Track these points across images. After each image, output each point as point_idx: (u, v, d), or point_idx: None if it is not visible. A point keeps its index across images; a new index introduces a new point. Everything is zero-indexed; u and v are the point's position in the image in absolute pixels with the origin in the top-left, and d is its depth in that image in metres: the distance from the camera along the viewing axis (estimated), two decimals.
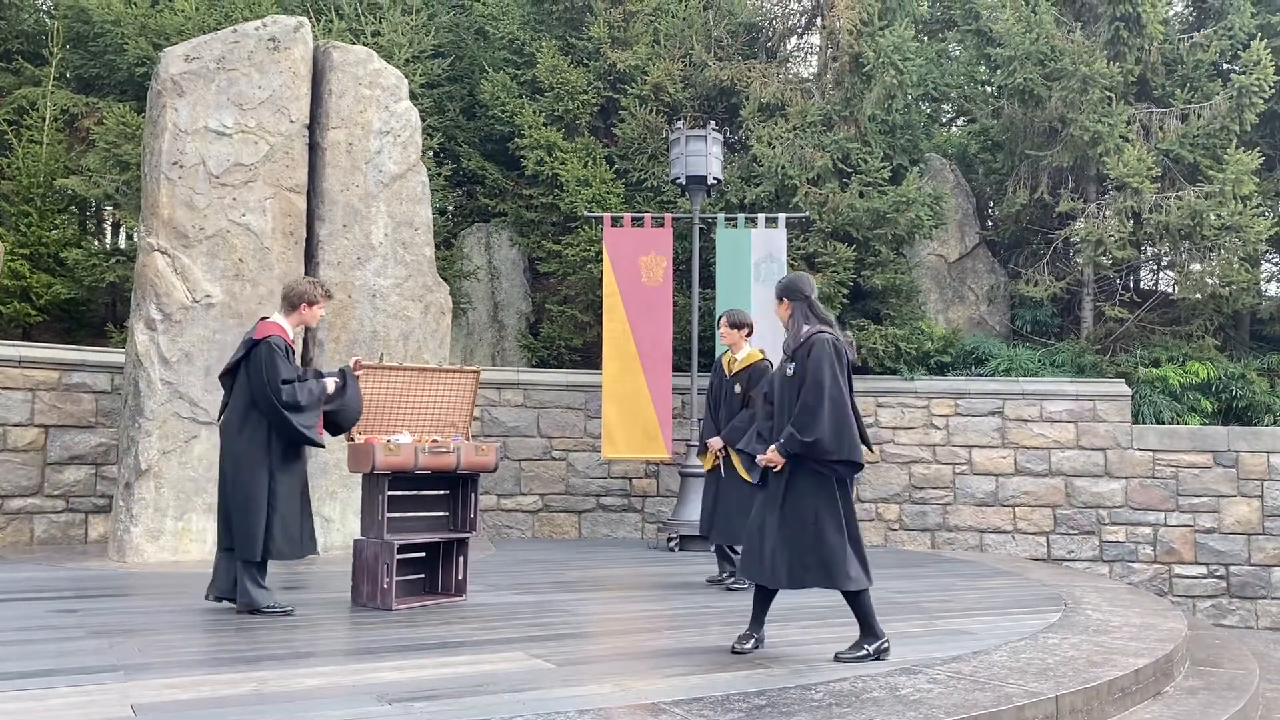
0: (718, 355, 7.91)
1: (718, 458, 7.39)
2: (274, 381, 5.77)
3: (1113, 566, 10.90)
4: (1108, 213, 12.12)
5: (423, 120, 10.42)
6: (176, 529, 8.20)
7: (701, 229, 10.93)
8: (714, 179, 10.57)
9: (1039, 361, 11.96)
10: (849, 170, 11.77)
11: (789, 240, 10.93)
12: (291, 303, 6.11)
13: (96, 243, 12.93)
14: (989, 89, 14.08)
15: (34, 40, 12.84)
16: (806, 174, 11.59)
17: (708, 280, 11.34)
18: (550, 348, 12.60)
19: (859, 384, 11.36)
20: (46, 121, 12.03)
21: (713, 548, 7.95)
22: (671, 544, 9.90)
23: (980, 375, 11.65)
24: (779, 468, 4.89)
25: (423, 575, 6.64)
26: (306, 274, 9.10)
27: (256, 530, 5.74)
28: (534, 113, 12.68)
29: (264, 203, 8.78)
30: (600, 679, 4.40)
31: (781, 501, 4.85)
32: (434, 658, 4.80)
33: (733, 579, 7.45)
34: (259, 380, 5.80)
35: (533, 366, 12.46)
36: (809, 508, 4.79)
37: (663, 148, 12.40)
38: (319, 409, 5.96)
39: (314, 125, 9.21)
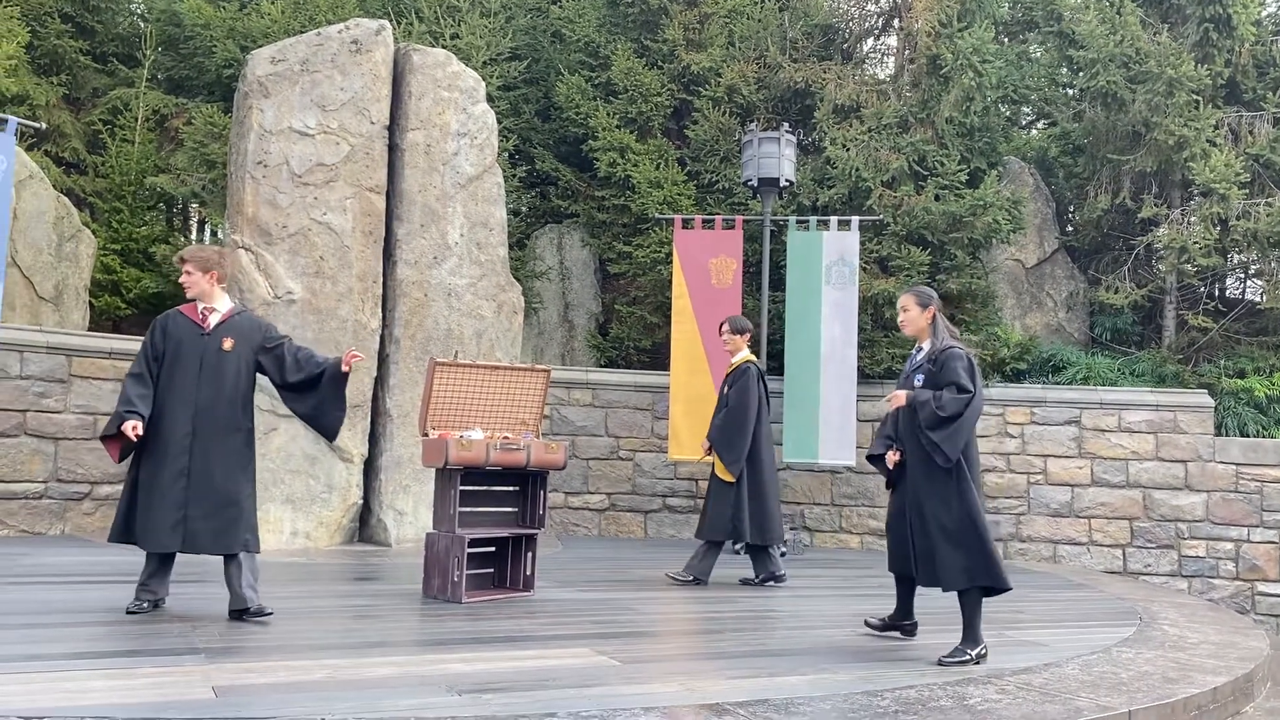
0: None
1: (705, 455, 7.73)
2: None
3: (1192, 582, 10.61)
4: (1193, 219, 11.80)
5: (499, 122, 10.56)
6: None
7: (772, 231, 10.90)
8: (786, 181, 10.54)
9: (1118, 370, 11.69)
10: (925, 173, 11.63)
11: (862, 243, 10.84)
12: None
13: (183, 239, 13.35)
14: (1070, 91, 13.80)
15: (129, 43, 13.30)
16: (881, 176, 11.48)
17: (778, 283, 11.30)
18: (619, 348, 12.67)
19: None
20: (138, 121, 12.46)
21: (739, 548, 8.00)
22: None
23: (1057, 384, 11.43)
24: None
25: (492, 570, 6.75)
26: (385, 273, 9.30)
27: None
28: (608, 115, 12.77)
29: (345, 202, 8.99)
30: (665, 678, 4.44)
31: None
32: (502, 651, 4.88)
33: (769, 579, 7.53)
34: None
35: (601, 367, 12.54)
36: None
37: (735, 150, 12.39)
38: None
39: (393, 126, 9.40)
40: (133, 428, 5.25)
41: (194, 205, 13.22)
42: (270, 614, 5.36)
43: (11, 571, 6.80)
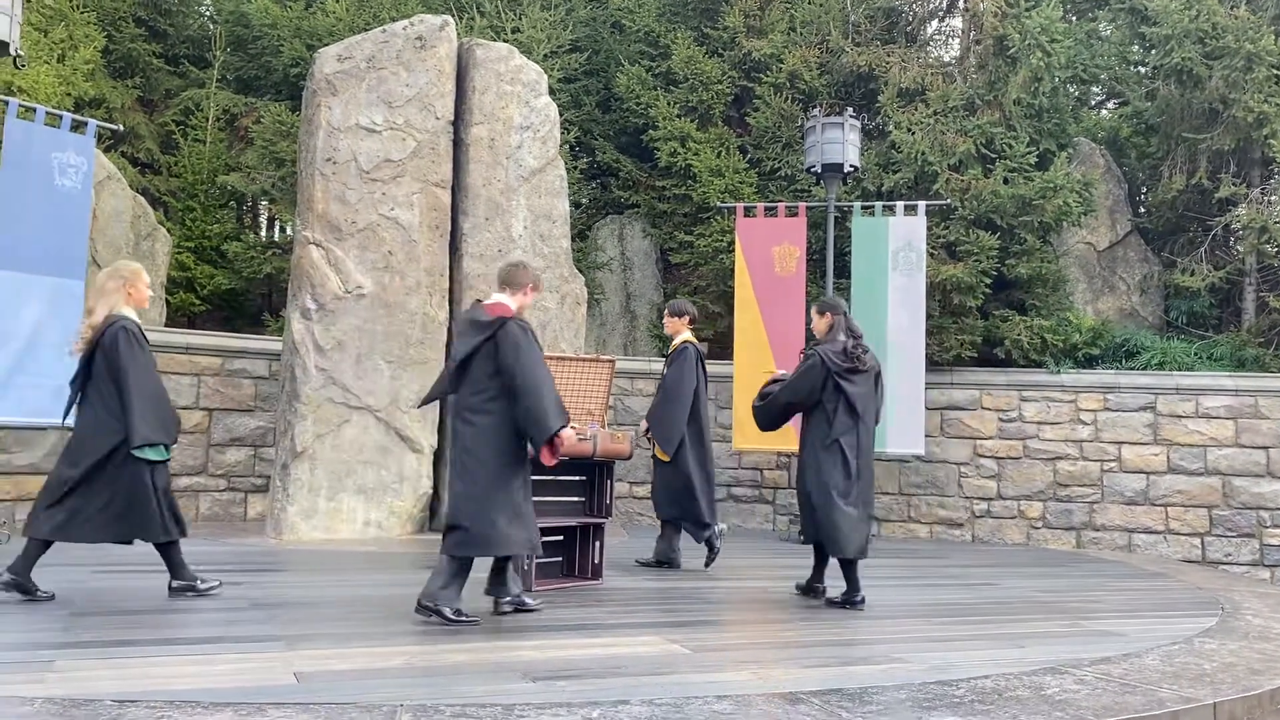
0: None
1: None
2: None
3: (1275, 571, 10.32)
4: (1273, 198, 11.44)
5: (560, 114, 10.62)
6: (329, 509, 8.62)
7: (837, 218, 10.80)
8: (851, 166, 10.44)
9: (1195, 355, 11.39)
10: (992, 156, 11.44)
11: (929, 228, 10.70)
12: (519, 283, 5.52)
13: (254, 236, 13.65)
14: (1143, 70, 13.45)
15: (199, 45, 13.61)
16: (947, 160, 11.32)
17: (842, 270, 11.20)
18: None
19: (1000, 376, 11.07)
20: (209, 121, 12.76)
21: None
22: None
23: (1131, 369, 11.18)
24: None
25: (560, 558, 6.81)
26: (451, 266, 9.41)
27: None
28: (668, 104, 12.75)
29: (411, 197, 9.11)
30: (736, 666, 4.44)
31: None
32: (573, 638, 4.93)
33: (665, 563, 7.48)
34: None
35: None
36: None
37: (797, 136, 12.30)
38: None
39: (458, 121, 9.50)
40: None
41: (264, 202, 13.50)
42: None
43: (101, 561, 7.03)
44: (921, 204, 10.51)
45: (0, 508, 8.30)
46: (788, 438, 10.19)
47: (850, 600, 6.17)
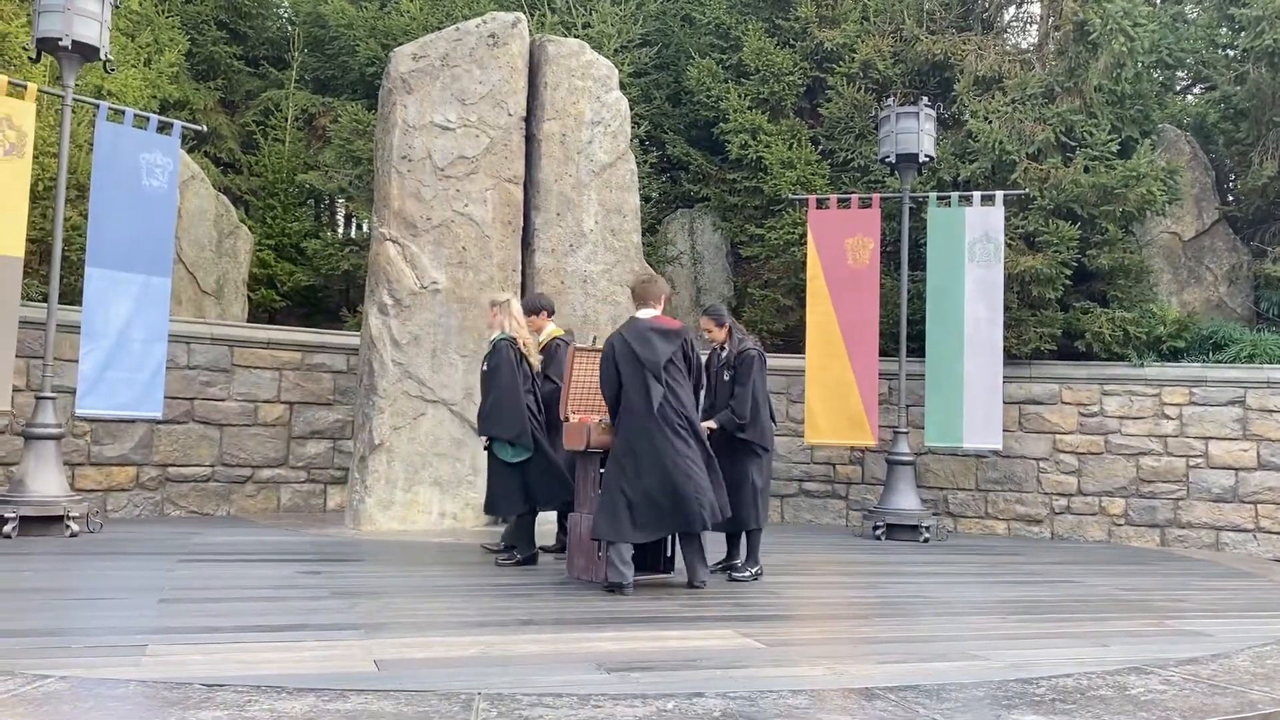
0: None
1: None
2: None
3: None
4: None
5: (630, 109, 10.64)
6: (406, 500, 8.77)
7: (911, 209, 10.66)
8: (926, 156, 10.29)
9: None
10: (1073, 144, 11.17)
11: (1007, 219, 10.50)
12: (657, 294, 6.40)
13: (332, 234, 13.93)
14: (1231, 53, 13.00)
15: (278, 46, 13.93)
16: (1026, 149, 11.09)
17: (917, 262, 11.05)
18: (752, 332, 12.58)
19: (1081, 369, 10.82)
20: (288, 121, 13.05)
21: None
22: (878, 532, 9.76)
23: (1218, 362, 10.84)
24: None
25: (633, 551, 6.82)
26: (523, 261, 9.49)
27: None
28: (739, 96, 12.70)
29: (485, 193, 9.22)
30: (811, 661, 4.43)
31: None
32: (647, 631, 4.95)
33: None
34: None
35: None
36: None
37: (870, 126, 12.15)
38: None
39: (530, 117, 9.58)
40: None
41: (341, 200, 13.77)
42: None
43: (185, 549, 7.26)
44: (999, 194, 10.32)
45: (91, 498, 8.62)
46: (862, 431, 10.12)
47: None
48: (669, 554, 6.73)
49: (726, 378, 6.91)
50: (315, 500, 10.16)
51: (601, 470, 6.48)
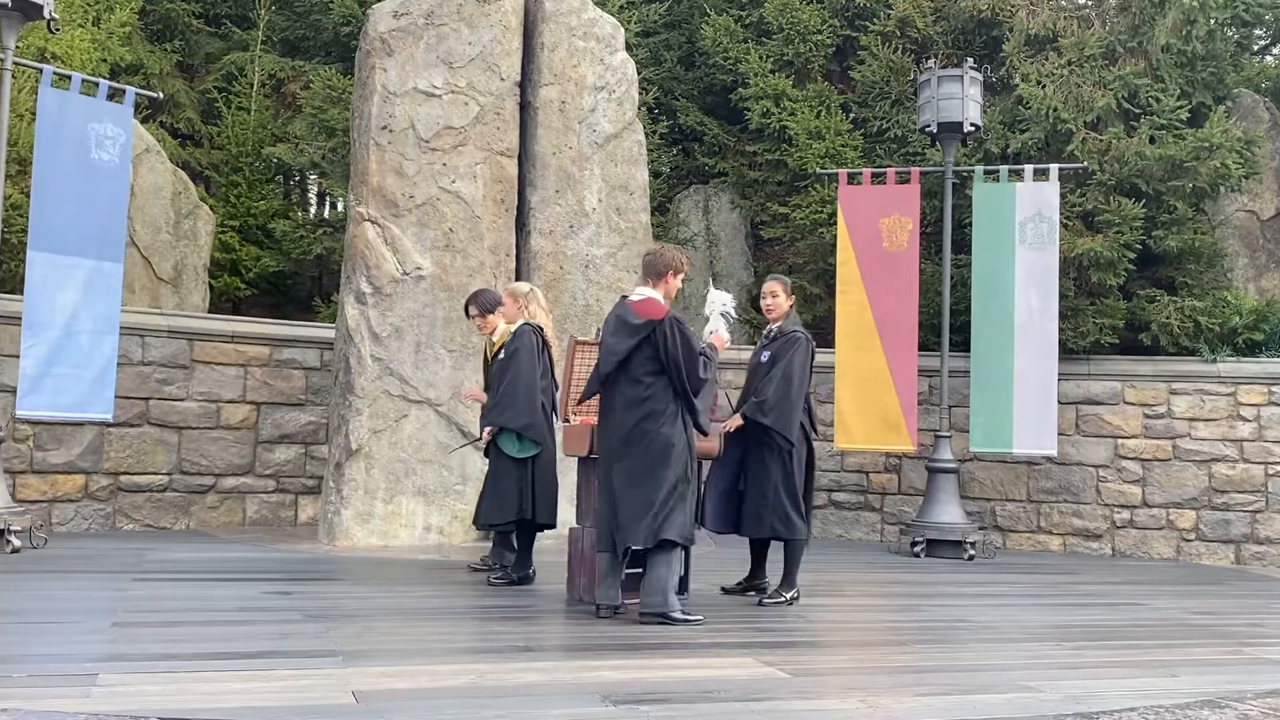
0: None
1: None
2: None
3: None
4: None
5: (638, 72, 10.64)
6: (386, 512, 8.79)
7: (955, 184, 10.64)
8: (971, 125, 10.26)
9: None
10: (1137, 111, 11.14)
11: (1062, 195, 10.47)
12: (659, 271, 6.16)
13: (303, 214, 13.95)
14: None
15: (242, 4, 13.92)
16: (1083, 117, 11.06)
17: (961, 244, 11.03)
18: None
19: (1146, 365, 10.80)
20: (254, 88, 13.07)
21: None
22: (916, 549, 9.75)
23: None
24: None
25: (641, 569, 6.82)
26: (518, 244, 9.50)
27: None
28: (760, 58, 12.68)
29: (474, 168, 9.23)
30: (841, 693, 4.43)
31: None
32: (657, 658, 4.95)
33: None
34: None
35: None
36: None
37: (909, 92, 12.12)
38: None
39: (525, 83, 9.58)
40: None
41: (314, 176, 13.80)
42: None
43: (140, 568, 7.28)
44: (1053, 167, 10.29)
45: (35, 510, 8.64)
46: (898, 435, 10.11)
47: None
48: (683, 572, 6.73)
49: (764, 359, 6.80)
50: (285, 512, 10.19)
51: None
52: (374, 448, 8.80)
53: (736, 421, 6.67)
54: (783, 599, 6.66)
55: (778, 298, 6.91)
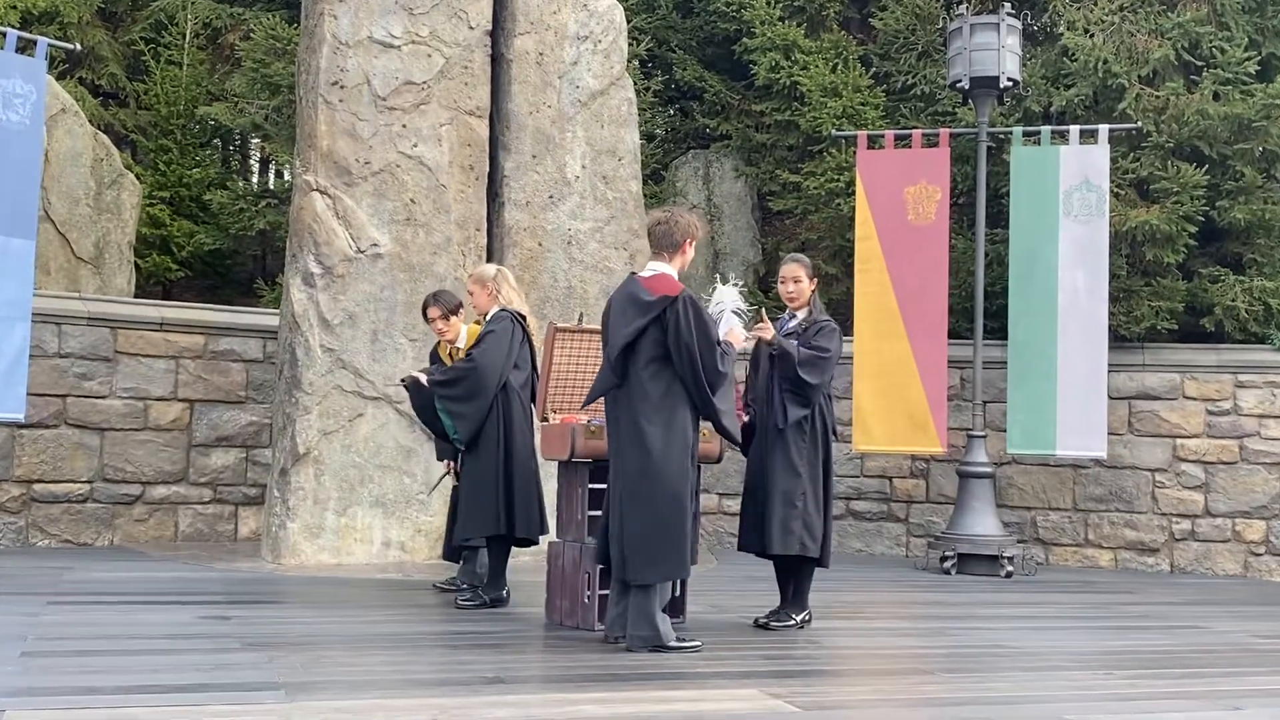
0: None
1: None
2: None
3: None
4: None
5: (628, 21, 10.61)
6: (339, 525, 8.78)
7: (991, 148, 10.63)
8: (1009, 80, 10.25)
9: None
10: (1198, 63, 11.14)
11: (1113, 160, 10.47)
12: (675, 241, 6.05)
13: (243, 183, 13.91)
14: None
15: None
16: (1137, 70, 11.05)
17: (997, 217, 11.03)
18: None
19: (1209, 355, 10.80)
20: (186, 38, 13.02)
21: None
22: (946, 564, 9.76)
23: None
24: None
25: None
26: (490, 217, 9.48)
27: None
28: (768, 4, 12.66)
29: (439, 130, 9.20)
30: None
31: None
32: (648, 690, 4.95)
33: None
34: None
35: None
36: None
37: (938, 42, 12.11)
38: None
39: (497, 31, 9.56)
40: None
41: (255, 140, 13.74)
42: None
43: (57, 589, 7.26)
44: (1103, 128, 10.29)
45: None
46: (926, 435, 10.12)
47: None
48: (677, 593, 6.73)
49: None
50: (223, 526, 10.17)
51: (593, 486, 6.46)
52: (325, 451, 8.77)
53: (768, 331, 6.60)
54: (792, 622, 6.65)
55: (800, 283, 6.82)
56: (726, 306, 6.36)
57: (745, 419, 6.58)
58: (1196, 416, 10.76)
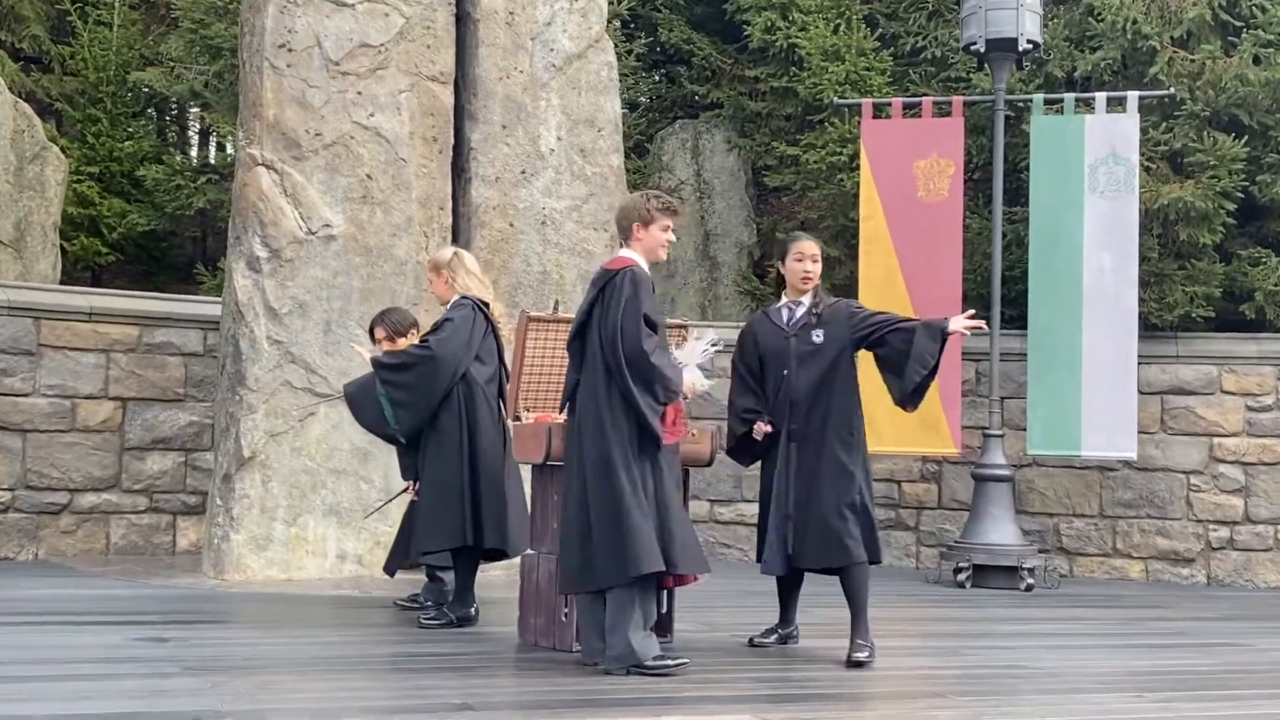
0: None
1: None
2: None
3: None
4: None
5: None
6: (288, 537, 8.75)
7: (1009, 117, 10.65)
8: (1029, 42, 10.26)
9: None
10: (1237, 24, 11.19)
11: (1144, 130, 10.50)
12: (622, 228, 6.15)
13: (181, 157, 13.86)
14: None
15: None
16: (1170, 31, 11.09)
17: (1016, 194, 11.06)
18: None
19: (1249, 345, 10.85)
20: None
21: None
22: (961, 576, 9.78)
23: None
24: None
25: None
26: (456, 195, 9.46)
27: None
28: None
29: (398, 97, 9.18)
30: None
31: None
32: (631, 717, 4.96)
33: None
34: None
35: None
36: None
37: (950, 1, 12.13)
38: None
39: None
40: None
41: (194, 109, 13.69)
42: None
43: None
44: (1132, 95, 10.32)
45: None
46: (938, 435, 10.14)
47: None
48: (664, 610, 6.74)
49: (817, 339, 6.52)
50: (160, 537, 10.14)
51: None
52: (273, 455, 8.75)
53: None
54: (869, 653, 6.30)
55: (819, 262, 6.75)
56: (694, 359, 6.24)
57: (768, 428, 6.52)
58: (1235, 413, 10.80)
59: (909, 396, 6.48)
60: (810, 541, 6.36)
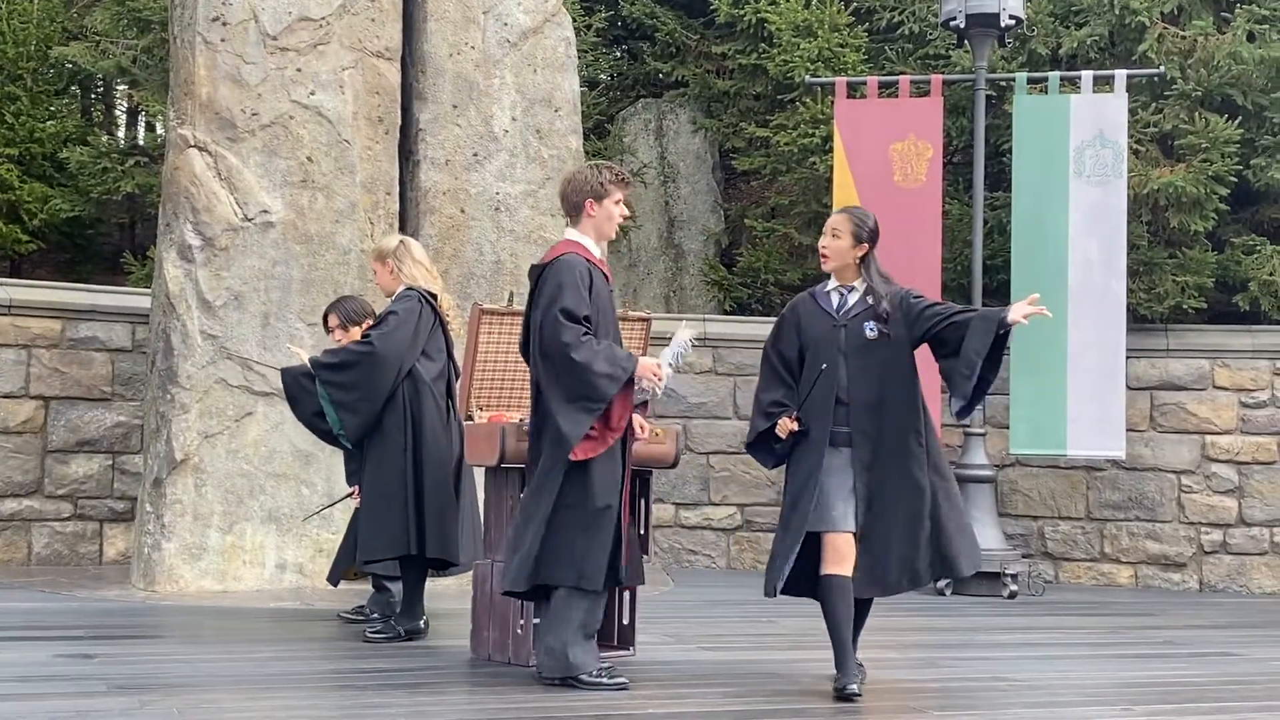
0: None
1: None
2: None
3: None
4: None
5: None
6: (224, 545, 8.72)
7: (991, 97, 10.70)
8: (1011, 18, 10.30)
9: None
10: None
11: (1132, 111, 10.57)
12: (573, 203, 6.00)
13: (107, 138, 13.74)
14: None
15: None
16: (1160, 6, 11.16)
17: (998, 178, 11.11)
18: (753, 284, 12.63)
19: (1243, 337, 10.93)
20: None
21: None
22: (941, 583, 9.82)
23: None
24: None
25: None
26: (403, 179, 9.43)
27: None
28: None
29: (341, 74, 9.14)
30: None
31: None
32: None
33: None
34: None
35: (727, 313, 12.53)
36: None
37: None
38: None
39: None
40: None
41: (122, 86, 13.59)
42: None
43: None
44: (1120, 74, 10.38)
45: None
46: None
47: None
48: (625, 620, 6.75)
49: (870, 334, 5.87)
50: (87, 546, 10.08)
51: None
52: (207, 458, 8.72)
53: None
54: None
55: (840, 239, 5.95)
56: (667, 359, 6.11)
57: (794, 426, 5.88)
58: (1229, 409, 10.89)
59: (959, 411, 6.05)
60: (885, 564, 5.92)
